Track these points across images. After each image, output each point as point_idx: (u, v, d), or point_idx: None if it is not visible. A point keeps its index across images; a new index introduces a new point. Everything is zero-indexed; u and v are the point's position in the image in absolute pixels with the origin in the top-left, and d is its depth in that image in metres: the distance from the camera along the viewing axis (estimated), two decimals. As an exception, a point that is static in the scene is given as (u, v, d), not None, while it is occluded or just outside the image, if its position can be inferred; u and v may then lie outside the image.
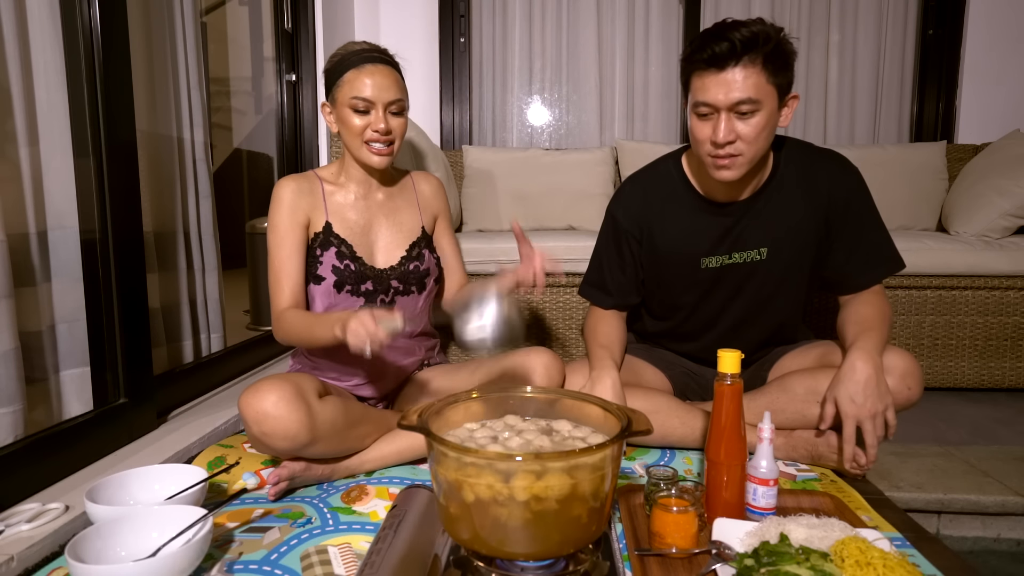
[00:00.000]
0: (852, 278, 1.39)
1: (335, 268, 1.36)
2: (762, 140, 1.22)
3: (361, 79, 1.30)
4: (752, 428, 1.16)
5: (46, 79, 1.25)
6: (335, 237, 1.38)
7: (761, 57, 1.16)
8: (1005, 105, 2.74)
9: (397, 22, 2.80)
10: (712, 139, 1.22)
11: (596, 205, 2.40)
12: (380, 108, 1.32)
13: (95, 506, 0.97)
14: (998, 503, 1.33)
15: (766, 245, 1.37)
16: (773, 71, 1.18)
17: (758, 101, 1.18)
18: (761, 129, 1.20)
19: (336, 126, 1.38)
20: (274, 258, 1.35)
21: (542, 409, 1.01)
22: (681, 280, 1.45)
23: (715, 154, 1.23)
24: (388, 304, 1.42)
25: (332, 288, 1.36)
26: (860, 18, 2.84)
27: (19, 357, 1.15)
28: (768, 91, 1.19)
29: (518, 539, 0.81)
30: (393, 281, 1.42)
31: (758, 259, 1.38)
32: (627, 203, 1.47)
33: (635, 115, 2.91)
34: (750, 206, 1.36)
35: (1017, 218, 2.07)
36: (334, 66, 1.34)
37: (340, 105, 1.33)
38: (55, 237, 1.30)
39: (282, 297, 1.34)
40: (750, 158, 1.24)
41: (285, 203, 1.36)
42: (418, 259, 1.45)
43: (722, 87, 1.17)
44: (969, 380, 2.06)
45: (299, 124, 2.30)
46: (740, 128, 1.20)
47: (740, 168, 1.25)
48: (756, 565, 0.87)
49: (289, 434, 1.15)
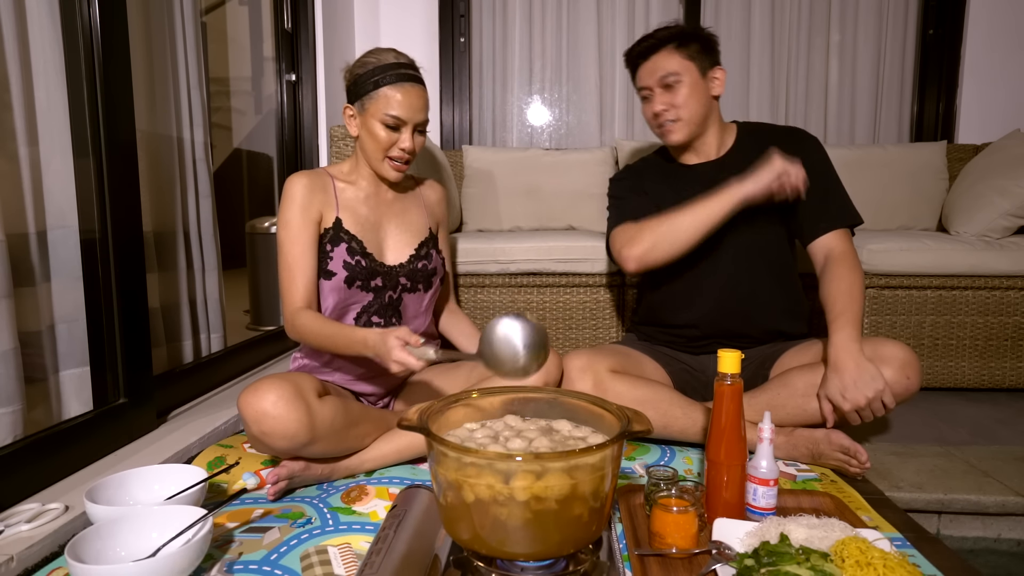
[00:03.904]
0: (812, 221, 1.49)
1: (346, 264, 1.37)
2: (693, 104, 1.48)
3: (397, 98, 1.31)
4: (752, 428, 1.16)
5: (46, 79, 1.25)
6: (345, 233, 1.38)
7: (674, 43, 1.47)
8: (1005, 105, 2.74)
9: (397, 22, 2.80)
10: (653, 111, 1.51)
11: (596, 205, 2.40)
12: (410, 128, 1.34)
13: (95, 506, 0.97)
14: (998, 503, 1.33)
15: None
16: (687, 53, 1.47)
17: (678, 73, 1.47)
18: (688, 95, 1.48)
19: (358, 131, 1.39)
20: (287, 254, 1.35)
21: (542, 409, 1.01)
22: None
23: (660, 123, 1.52)
24: (395, 301, 1.43)
25: (343, 284, 1.37)
26: (860, 18, 2.84)
27: (19, 357, 1.15)
28: (686, 66, 1.47)
29: (518, 539, 0.81)
30: (402, 278, 1.43)
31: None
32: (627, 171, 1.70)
33: (635, 115, 2.91)
34: (721, 164, 1.56)
35: (1017, 218, 2.07)
36: (366, 75, 1.33)
37: (369, 116, 1.34)
38: (55, 237, 1.30)
39: (296, 295, 1.34)
40: (687, 119, 1.49)
41: (298, 198, 1.35)
42: (426, 258, 1.46)
43: (648, 71, 1.50)
44: (969, 380, 2.05)
45: (299, 124, 2.31)
46: (671, 99, 1.48)
47: (682, 130, 1.51)
48: (756, 565, 0.87)
49: (288, 433, 1.15)
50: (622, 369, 1.46)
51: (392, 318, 1.43)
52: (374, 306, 1.40)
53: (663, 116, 1.50)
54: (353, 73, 1.37)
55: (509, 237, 2.13)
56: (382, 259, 1.42)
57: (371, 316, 1.40)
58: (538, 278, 2.08)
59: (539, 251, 2.04)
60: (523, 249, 2.05)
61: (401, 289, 1.43)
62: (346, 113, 1.39)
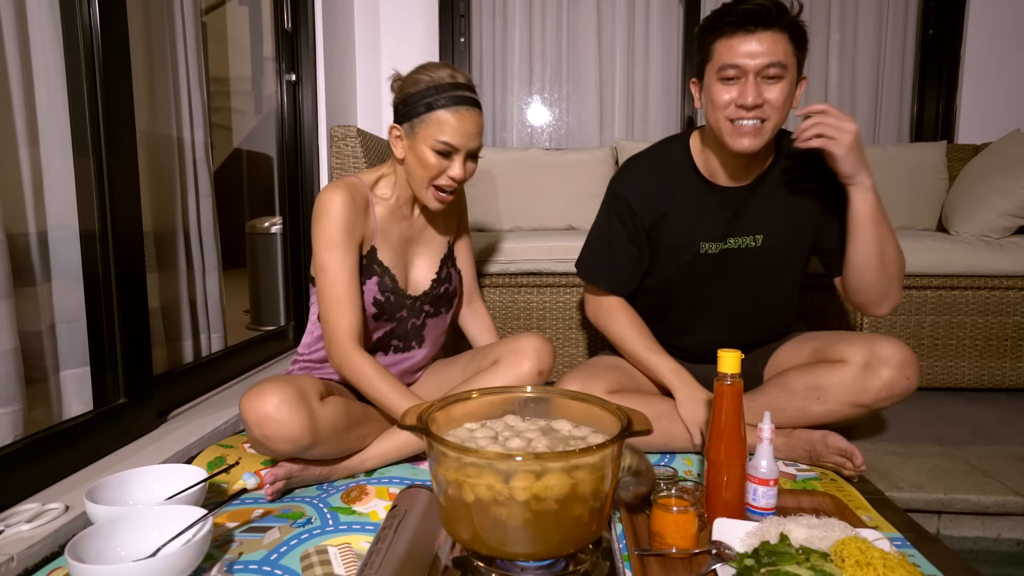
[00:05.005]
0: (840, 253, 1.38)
1: (376, 301, 1.33)
2: (786, 110, 1.22)
3: (452, 123, 1.23)
4: (752, 428, 1.16)
5: (46, 79, 1.25)
6: (379, 265, 1.33)
7: (788, 24, 1.17)
8: (1005, 105, 2.73)
9: (397, 22, 2.79)
10: (739, 102, 1.20)
11: (596, 205, 2.37)
12: (462, 155, 1.27)
13: (95, 506, 0.97)
14: (998, 503, 1.33)
15: (762, 232, 1.40)
16: (796, 42, 1.20)
17: (786, 67, 1.18)
18: (786, 97, 1.20)
19: (404, 153, 1.31)
20: (335, 281, 1.25)
21: (542, 409, 1.01)
22: (678, 266, 1.45)
23: (739, 117, 1.21)
24: (418, 327, 1.42)
25: (370, 319, 1.34)
26: (860, 18, 2.84)
27: (19, 357, 1.15)
28: (793, 60, 1.19)
29: (518, 539, 0.81)
30: (426, 306, 1.41)
31: (753, 245, 1.41)
32: (639, 185, 1.44)
33: (635, 115, 2.91)
34: (751, 192, 1.38)
35: (1017, 218, 2.07)
36: (418, 94, 1.25)
37: (419, 140, 1.25)
38: (55, 237, 1.30)
39: (345, 327, 1.25)
40: (773, 126, 1.23)
41: (343, 219, 1.25)
42: (447, 280, 1.45)
43: (753, 48, 1.16)
44: (969, 380, 2.05)
45: (299, 124, 2.30)
46: (768, 94, 1.19)
47: (763, 137, 1.24)
48: (756, 565, 0.87)
49: (291, 437, 1.15)
50: (619, 387, 1.44)
51: (413, 342, 1.43)
52: (396, 332, 1.40)
53: (751, 112, 1.20)
54: (404, 91, 1.28)
55: (509, 237, 2.13)
56: (406, 287, 1.39)
57: (391, 340, 1.40)
58: (538, 278, 2.08)
59: (539, 251, 2.04)
60: (523, 249, 2.05)
61: (424, 316, 1.42)
62: (392, 134, 1.31)
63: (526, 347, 1.36)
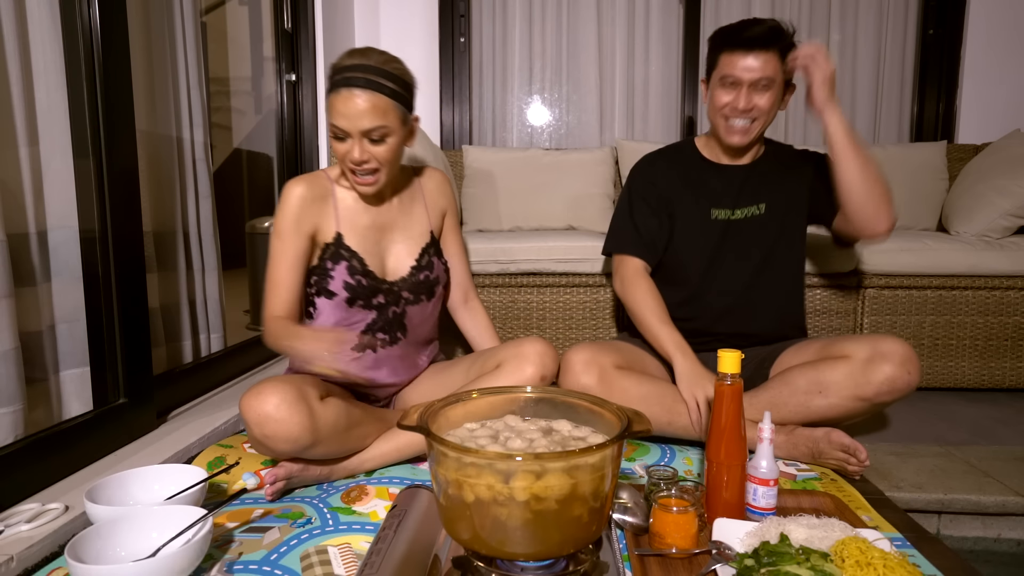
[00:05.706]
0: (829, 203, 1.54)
1: (347, 284, 1.34)
2: (772, 113, 1.49)
3: (336, 106, 1.24)
4: (753, 427, 1.16)
5: (46, 79, 1.25)
6: (346, 249, 1.35)
7: (779, 47, 1.43)
8: (1005, 105, 2.73)
9: (397, 22, 2.79)
10: (733, 104, 1.47)
11: (596, 205, 2.40)
12: (356, 137, 1.25)
13: (95, 506, 0.97)
14: (998, 503, 1.33)
15: (764, 200, 1.57)
16: (784, 60, 1.45)
17: (774, 80, 1.45)
18: (773, 103, 1.47)
19: None
20: (275, 266, 1.33)
21: (542, 409, 1.01)
22: (693, 232, 1.59)
23: (732, 117, 1.48)
24: (399, 315, 1.41)
25: (344, 303, 1.35)
26: (860, 18, 2.84)
27: (19, 357, 1.15)
28: (780, 76, 1.46)
29: (518, 539, 0.81)
30: (404, 292, 1.41)
31: (758, 213, 1.57)
32: (654, 167, 1.66)
33: (635, 115, 2.91)
34: (751, 169, 1.60)
35: (1017, 218, 2.07)
36: (327, 81, 1.28)
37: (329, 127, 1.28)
38: (55, 237, 1.30)
39: (275, 305, 1.33)
40: (761, 126, 1.50)
41: (292, 211, 1.32)
42: (428, 268, 1.44)
43: (749, 64, 1.43)
44: (969, 380, 2.05)
45: (299, 124, 2.31)
46: (757, 101, 1.46)
47: (751, 135, 1.50)
48: (756, 565, 0.87)
49: (291, 437, 1.15)
50: (626, 365, 1.47)
51: (398, 332, 1.42)
52: (379, 323, 1.39)
53: (742, 114, 1.47)
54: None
55: (509, 237, 2.13)
56: (383, 274, 1.39)
57: (375, 332, 1.40)
58: (538, 278, 2.08)
59: (539, 251, 2.04)
60: (523, 249, 2.05)
61: (404, 303, 1.42)
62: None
63: (529, 351, 1.36)
